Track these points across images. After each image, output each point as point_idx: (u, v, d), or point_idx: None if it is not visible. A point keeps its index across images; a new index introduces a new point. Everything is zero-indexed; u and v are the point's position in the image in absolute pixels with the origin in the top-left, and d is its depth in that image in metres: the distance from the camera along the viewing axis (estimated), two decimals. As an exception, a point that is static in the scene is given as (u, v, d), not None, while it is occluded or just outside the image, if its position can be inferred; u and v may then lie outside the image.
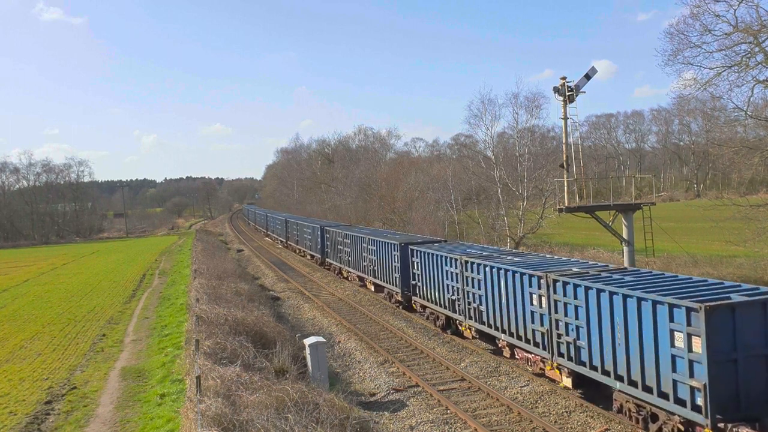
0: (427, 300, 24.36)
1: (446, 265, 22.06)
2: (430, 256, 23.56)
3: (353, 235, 34.93)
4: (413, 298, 26.01)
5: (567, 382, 15.52)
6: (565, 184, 27.90)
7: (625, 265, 25.87)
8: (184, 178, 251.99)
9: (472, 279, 20.02)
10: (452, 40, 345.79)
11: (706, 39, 26.31)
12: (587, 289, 14.34)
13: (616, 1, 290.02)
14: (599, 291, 13.96)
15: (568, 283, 15.06)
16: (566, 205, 27.37)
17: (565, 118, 27.19)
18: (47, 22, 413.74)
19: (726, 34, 25.90)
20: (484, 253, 21.48)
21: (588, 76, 27.04)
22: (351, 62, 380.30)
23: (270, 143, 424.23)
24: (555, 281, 15.59)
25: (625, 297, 13.17)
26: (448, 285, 22.06)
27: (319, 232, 44.43)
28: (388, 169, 72.57)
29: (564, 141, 27.89)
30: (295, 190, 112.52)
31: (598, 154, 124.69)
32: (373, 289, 32.23)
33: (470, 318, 20.56)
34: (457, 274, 21.12)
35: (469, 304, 20.48)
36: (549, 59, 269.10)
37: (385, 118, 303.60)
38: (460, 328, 21.91)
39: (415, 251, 25.36)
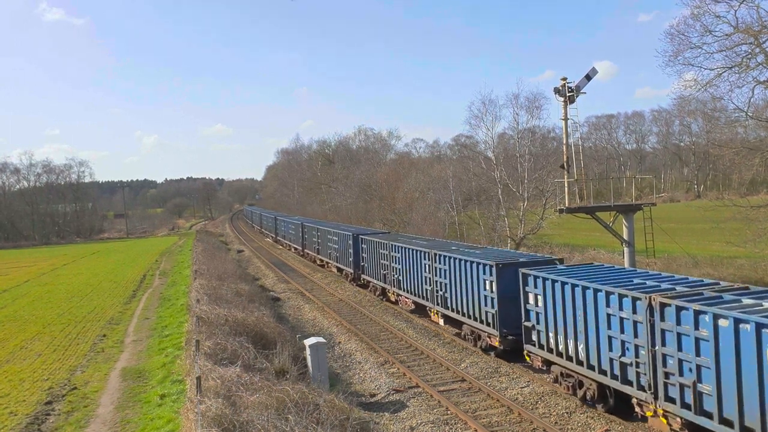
0: (583, 365, 14.81)
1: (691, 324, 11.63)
2: (598, 295, 14.09)
3: (407, 248, 26.49)
4: (529, 349, 17.07)
5: None
6: (566, 185, 27.90)
7: (626, 265, 25.87)
8: (185, 178, 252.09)
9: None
10: (453, 41, 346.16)
11: (707, 40, 26.31)
12: None
13: (617, 2, 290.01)
14: None
15: None
16: (567, 205, 27.37)
17: (566, 119, 27.19)
18: (50, 22, 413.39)
19: (726, 34, 25.89)
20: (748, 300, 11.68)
21: (588, 77, 27.05)
22: (352, 63, 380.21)
23: (271, 144, 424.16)
24: None
25: None
26: (682, 358, 11.92)
27: (350, 241, 35.68)
28: (389, 170, 72.58)
29: (564, 142, 27.89)
30: (295, 191, 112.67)
31: (599, 154, 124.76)
32: (441, 322, 23.68)
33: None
34: (706, 343, 11.31)
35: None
36: (550, 60, 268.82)
37: (385, 119, 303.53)
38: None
39: (541, 280, 16.14)
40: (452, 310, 22.27)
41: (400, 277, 27.63)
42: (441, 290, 23.11)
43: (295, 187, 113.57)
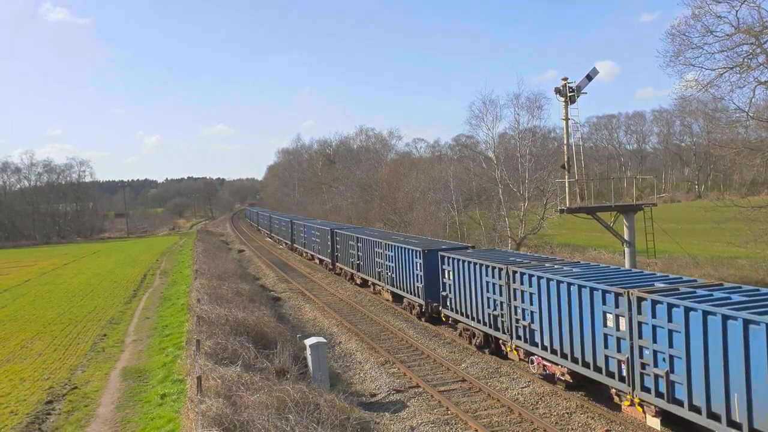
0: None
1: None
2: None
3: (557, 282, 15.98)
4: None
5: None
6: (567, 185, 27.89)
7: (627, 266, 25.87)
8: (185, 178, 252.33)
9: None
10: (454, 41, 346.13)
11: (708, 40, 26.32)
12: None
13: (620, 2, 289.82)
14: None
15: None
16: (567, 206, 27.37)
17: (567, 119, 27.19)
18: (53, 22, 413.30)
19: (727, 35, 25.89)
20: None
21: (589, 77, 27.06)
22: (353, 63, 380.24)
23: (272, 144, 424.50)
24: None
25: None
26: None
27: (419, 260, 25.29)
28: (389, 170, 72.65)
29: (565, 142, 27.89)
30: (296, 191, 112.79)
31: (600, 154, 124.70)
32: (655, 423, 13.38)
33: None
34: None
35: None
36: (552, 60, 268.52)
37: (386, 119, 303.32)
38: None
39: None
40: (695, 409, 11.93)
41: (537, 327, 16.97)
42: (658, 365, 12.76)
43: (295, 187, 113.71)
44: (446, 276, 22.70)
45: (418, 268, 25.42)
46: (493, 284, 19.16)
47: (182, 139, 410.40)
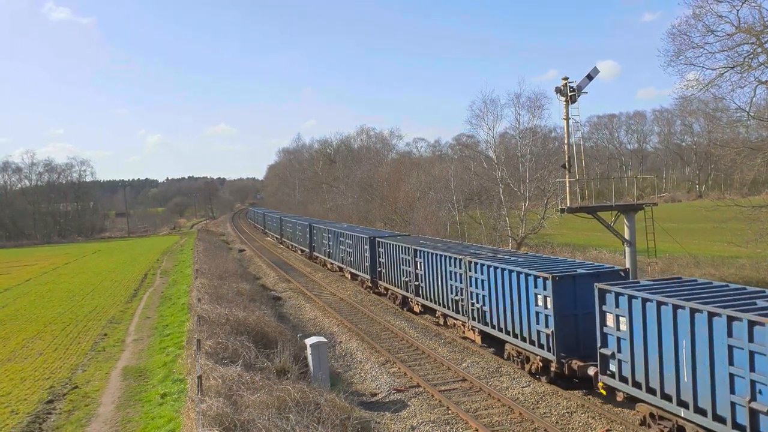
0: None
1: None
2: None
3: None
4: None
5: None
6: (567, 185, 27.87)
7: (627, 266, 25.84)
8: (186, 178, 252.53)
9: None
10: (455, 40, 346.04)
11: (709, 39, 26.31)
12: None
13: (622, 2, 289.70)
14: None
15: None
16: (568, 205, 27.34)
17: (567, 119, 27.15)
18: (55, 21, 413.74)
19: (728, 34, 25.88)
20: None
21: (590, 77, 27.01)
22: (354, 63, 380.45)
23: (273, 143, 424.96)
24: None
25: None
26: None
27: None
28: (390, 170, 72.57)
29: (566, 141, 27.87)
30: (296, 190, 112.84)
31: (600, 154, 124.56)
32: None
33: None
34: None
35: None
36: (553, 60, 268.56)
37: (387, 119, 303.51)
38: None
39: None
40: None
41: None
42: None
43: (296, 187, 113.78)
44: (611, 323, 13.96)
45: (542, 304, 16.84)
46: (750, 351, 10.54)
47: (184, 138, 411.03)
